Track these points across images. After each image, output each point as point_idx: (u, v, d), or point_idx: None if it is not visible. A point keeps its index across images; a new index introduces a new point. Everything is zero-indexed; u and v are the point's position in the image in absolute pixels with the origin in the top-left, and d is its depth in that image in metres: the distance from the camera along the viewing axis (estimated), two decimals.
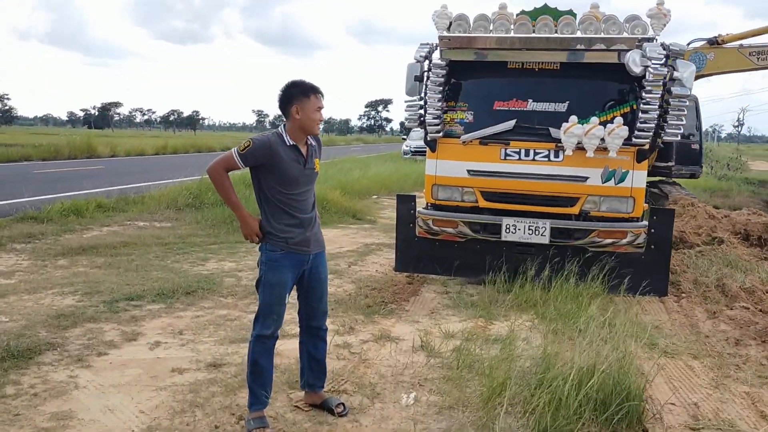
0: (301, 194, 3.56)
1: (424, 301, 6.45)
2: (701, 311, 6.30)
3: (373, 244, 9.67)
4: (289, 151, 3.48)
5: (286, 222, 3.54)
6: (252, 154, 3.42)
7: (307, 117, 3.49)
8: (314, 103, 3.49)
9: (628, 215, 6.71)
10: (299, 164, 3.52)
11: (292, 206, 3.54)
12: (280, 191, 3.50)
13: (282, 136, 3.50)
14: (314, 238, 3.66)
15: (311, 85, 3.51)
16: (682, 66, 6.16)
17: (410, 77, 6.88)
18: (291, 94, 3.48)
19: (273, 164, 3.45)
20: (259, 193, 3.57)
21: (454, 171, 7.03)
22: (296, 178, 3.51)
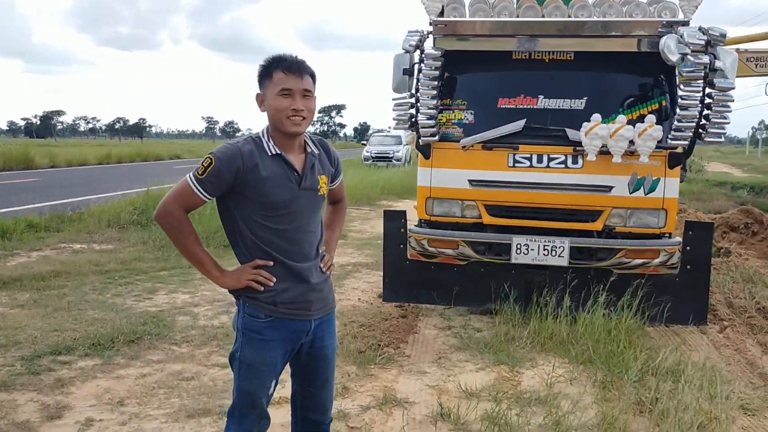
0: (297, 229, 2.39)
1: (426, 342, 5.30)
2: (753, 344, 5.32)
3: (349, 264, 8.47)
4: (272, 164, 2.34)
5: (275, 272, 2.36)
6: (217, 175, 2.28)
7: (270, 107, 2.35)
8: (278, 84, 2.32)
9: (660, 230, 5.70)
10: (291, 182, 2.36)
11: (282, 248, 2.37)
12: (263, 225, 2.35)
13: (261, 143, 2.36)
14: (319, 297, 2.48)
15: (278, 58, 2.36)
16: (724, 54, 5.16)
17: (398, 71, 5.70)
18: (258, 78, 2.41)
19: (249, 185, 2.29)
20: (231, 229, 2.41)
21: (453, 181, 5.90)
22: (287, 204, 2.35)
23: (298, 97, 2.33)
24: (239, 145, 2.33)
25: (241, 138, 2.39)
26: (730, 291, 6.74)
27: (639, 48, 5.59)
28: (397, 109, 5.83)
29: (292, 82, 2.31)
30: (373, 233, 11.48)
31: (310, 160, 2.44)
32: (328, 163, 2.56)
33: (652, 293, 5.58)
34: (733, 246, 9.44)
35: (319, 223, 2.52)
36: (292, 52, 2.40)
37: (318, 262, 2.49)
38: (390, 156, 29.83)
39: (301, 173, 2.39)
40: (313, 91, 2.39)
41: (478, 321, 5.89)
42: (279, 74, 2.31)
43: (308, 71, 2.37)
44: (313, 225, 2.46)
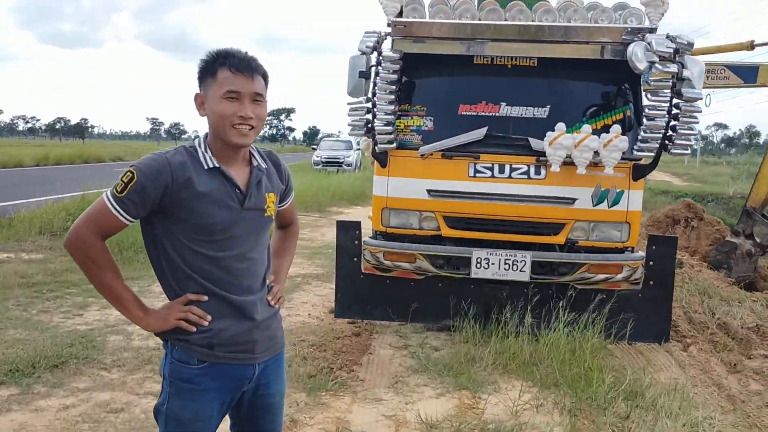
0: (238, 256, 2.00)
1: (382, 363, 4.95)
2: (717, 363, 5.17)
3: (298, 275, 8.06)
4: (210, 180, 1.94)
5: (210, 309, 1.97)
6: (140, 193, 1.88)
7: (212, 112, 1.96)
8: (224, 84, 1.93)
9: (623, 244, 5.50)
10: (232, 201, 1.97)
11: (220, 279, 1.98)
12: (196, 252, 1.95)
13: (197, 154, 1.97)
14: (265, 336, 2.09)
15: (224, 53, 1.96)
16: (692, 63, 5.00)
17: (353, 73, 5.34)
18: (199, 75, 2.01)
19: (181, 205, 1.90)
20: (157, 256, 2.00)
21: (411, 191, 5.58)
22: (227, 227, 1.96)
23: (247, 102, 1.94)
24: (168, 156, 1.92)
25: (172, 148, 1.99)
26: (689, 305, 6.62)
27: (604, 55, 5.39)
28: (352, 114, 5.48)
29: (240, 84, 1.92)
30: (324, 241, 11.09)
31: (255, 176, 2.06)
32: (277, 178, 2.17)
33: (615, 310, 5.38)
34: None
35: (265, 249, 2.13)
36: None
37: (264, 295, 2.11)
38: (340, 161, 29.40)
39: (245, 190, 2.01)
40: (265, 95, 2.01)
41: (435, 339, 5.58)
42: (225, 73, 1.92)
43: (260, 71, 1.99)
44: (258, 251, 2.08)
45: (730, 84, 9.93)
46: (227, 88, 1.92)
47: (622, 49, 5.28)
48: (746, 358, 5.25)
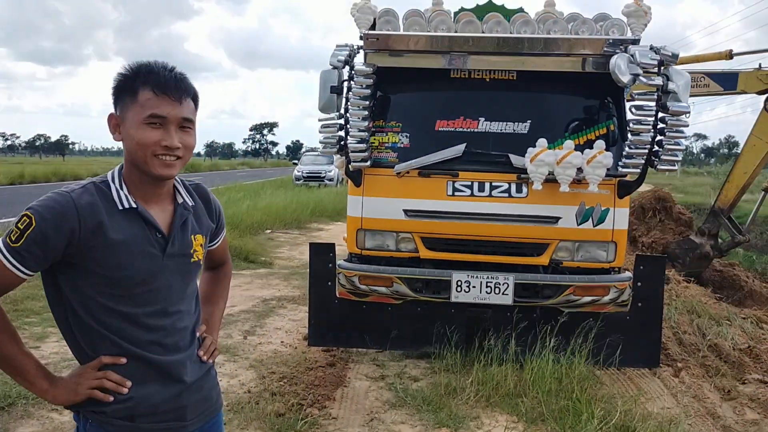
0: (161, 311, 1.71)
1: (357, 397, 4.64)
2: (711, 389, 4.91)
3: (273, 298, 7.74)
4: (125, 222, 1.65)
5: (130, 373, 1.66)
6: (40, 243, 1.56)
7: (130, 139, 1.65)
8: (146, 107, 1.64)
9: (609, 264, 5.26)
10: (153, 247, 1.68)
11: (140, 338, 1.67)
12: (110, 309, 1.64)
13: (110, 191, 1.66)
14: (198, 398, 1.79)
15: (147, 69, 1.66)
16: (677, 75, 4.78)
17: (325, 88, 5.08)
18: (114, 92, 1.70)
19: (90, 254, 1.60)
20: (62, 314, 1.68)
21: (387, 211, 5.30)
22: (146, 279, 1.67)
23: (173, 129, 1.65)
24: (73, 196, 1.60)
25: (80, 183, 1.67)
26: (677, 325, 6.38)
27: (585, 67, 5.17)
28: (324, 130, 5.19)
29: (166, 108, 1.63)
30: (302, 261, 10.76)
31: (180, 215, 1.76)
32: (206, 217, 1.88)
33: (603, 334, 5.13)
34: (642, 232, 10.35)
35: (193, 299, 1.84)
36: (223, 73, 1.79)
37: (194, 351, 1.81)
38: (322, 176, 29.11)
39: (167, 234, 1.72)
40: (194, 120, 1.72)
41: (415, 367, 5.28)
42: (148, 94, 1.63)
43: (190, 93, 1.70)
44: (185, 303, 1.78)
45: (710, 92, 9.86)
46: (150, 112, 1.62)
47: (604, 61, 5.06)
48: (740, 383, 5.01)
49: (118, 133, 1.69)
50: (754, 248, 19.16)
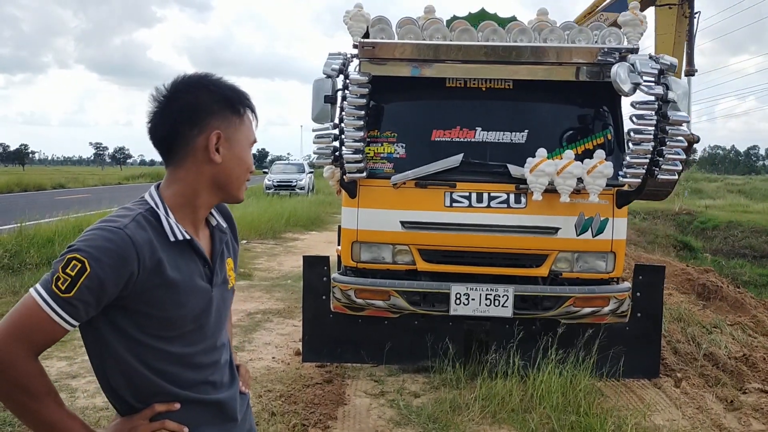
0: (210, 348, 1.58)
1: (359, 416, 4.49)
2: (713, 400, 4.88)
3: (258, 311, 7.54)
4: (179, 257, 1.48)
5: (186, 417, 1.49)
6: (96, 289, 1.35)
7: (235, 161, 1.54)
8: (250, 130, 1.58)
9: (608, 275, 5.22)
10: (202, 280, 1.54)
11: (191, 379, 1.52)
12: (161, 351, 1.47)
13: (159, 219, 1.48)
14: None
15: (245, 93, 1.58)
16: (675, 84, 4.78)
17: (318, 98, 4.95)
18: (201, 107, 1.50)
19: (145, 296, 1.42)
20: (100, 357, 1.47)
21: (383, 223, 5.18)
22: (198, 316, 1.52)
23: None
24: (128, 232, 1.39)
25: (124, 213, 1.46)
26: (670, 334, 6.39)
27: (579, 76, 5.14)
28: (318, 141, 5.05)
29: (255, 132, 1.61)
30: (282, 272, 10.58)
31: (220, 240, 1.64)
32: (232, 238, 1.75)
33: (603, 345, 5.08)
34: None
35: (228, 329, 1.73)
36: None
37: (237, 384, 1.68)
38: (293, 184, 28.86)
39: (212, 261, 1.59)
40: None
41: (413, 382, 5.15)
42: (251, 117, 1.59)
43: None
44: (225, 335, 1.67)
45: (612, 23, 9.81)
46: (253, 137, 1.60)
47: (599, 70, 5.05)
48: (741, 392, 5.00)
49: (217, 155, 1.51)
50: (721, 253, 19.61)
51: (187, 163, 1.51)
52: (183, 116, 1.48)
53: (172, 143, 1.51)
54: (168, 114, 1.49)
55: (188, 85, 1.51)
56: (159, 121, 1.50)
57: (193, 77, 1.53)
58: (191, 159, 1.51)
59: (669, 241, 19.59)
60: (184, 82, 1.51)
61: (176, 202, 1.52)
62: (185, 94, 1.50)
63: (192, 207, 1.55)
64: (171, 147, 1.51)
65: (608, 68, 4.86)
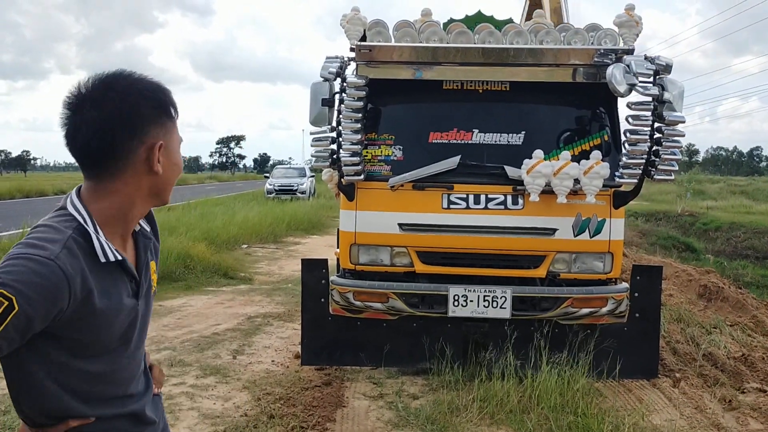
0: (130, 361, 1.52)
1: (358, 418, 4.50)
2: (711, 399, 4.89)
3: (258, 315, 7.55)
4: (105, 280, 1.38)
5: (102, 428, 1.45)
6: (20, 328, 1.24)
7: (173, 165, 1.48)
8: (176, 129, 1.51)
9: (606, 276, 5.23)
10: (128, 296, 1.46)
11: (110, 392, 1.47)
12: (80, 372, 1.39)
13: (87, 241, 1.36)
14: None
15: (169, 93, 1.49)
16: (671, 85, 4.80)
17: (315, 101, 4.96)
18: (139, 115, 1.39)
19: (70, 325, 1.32)
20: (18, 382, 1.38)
21: (381, 225, 5.20)
22: (122, 334, 1.45)
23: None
24: (59, 264, 1.26)
25: (53, 236, 1.31)
26: (669, 334, 6.39)
27: (576, 78, 5.15)
28: (316, 144, 5.08)
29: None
30: (282, 275, 10.60)
31: (144, 247, 1.55)
32: (154, 239, 1.64)
33: (601, 346, 5.09)
34: None
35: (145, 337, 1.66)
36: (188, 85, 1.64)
37: (151, 385, 1.64)
38: (294, 189, 28.91)
39: (139, 274, 1.50)
40: None
41: (412, 384, 5.16)
42: (174, 115, 1.49)
43: None
44: (144, 341, 1.60)
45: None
46: (179, 136, 1.52)
47: (595, 71, 5.07)
48: (739, 392, 5.00)
49: (158, 165, 1.43)
50: (724, 255, 19.56)
51: (126, 176, 1.40)
52: (121, 126, 1.37)
53: (108, 155, 1.38)
54: (101, 123, 1.35)
55: (121, 91, 1.38)
56: (90, 131, 1.35)
57: (120, 80, 1.41)
58: (131, 171, 1.40)
59: (671, 242, 19.57)
60: (114, 87, 1.39)
61: (108, 216, 1.41)
62: (120, 102, 1.37)
63: (125, 220, 1.45)
64: (105, 158, 1.38)
65: (604, 69, 4.88)
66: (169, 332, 6.67)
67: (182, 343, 6.25)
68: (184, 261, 9.95)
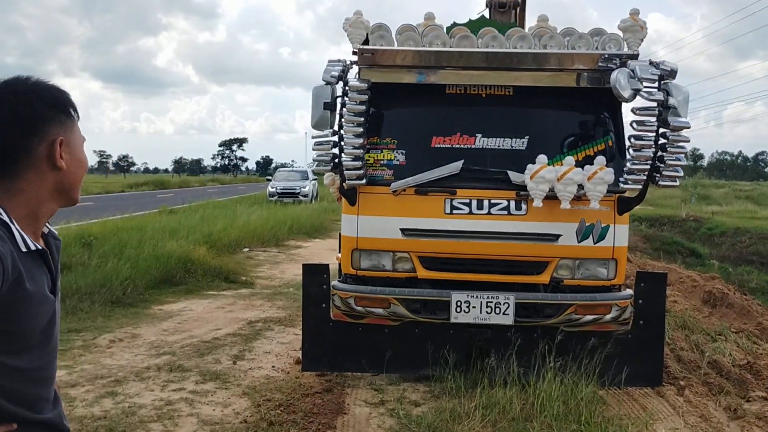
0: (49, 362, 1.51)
1: (358, 425, 4.45)
2: (716, 408, 4.83)
3: (259, 320, 7.50)
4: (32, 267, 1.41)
5: None
6: None
7: (77, 161, 1.52)
8: (79, 130, 1.55)
9: (610, 282, 5.18)
10: (47, 290, 1.46)
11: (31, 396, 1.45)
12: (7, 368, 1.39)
13: (11, 230, 1.39)
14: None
15: (67, 94, 1.53)
16: (676, 90, 4.75)
17: (317, 105, 4.93)
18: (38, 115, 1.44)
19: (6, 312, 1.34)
20: None
21: (383, 230, 5.15)
22: (44, 328, 1.45)
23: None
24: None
25: None
26: (673, 341, 6.33)
27: (580, 83, 5.11)
28: (317, 148, 5.05)
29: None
30: (284, 280, 10.56)
31: (56, 248, 1.57)
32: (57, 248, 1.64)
33: (605, 353, 5.03)
34: None
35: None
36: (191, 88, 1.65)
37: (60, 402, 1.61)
38: (296, 192, 28.87)
39: (54, 270, 1.51)
40: None
41: (414, 391, 5.11)
42: (73, 114, 1.53)
43: None
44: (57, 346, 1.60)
45: None
46: (82, 135, 1.56)
47: (599, 76, 5.03)
48: (745, 401, 4.94)
49: (61, 161, 1.46)
50: (729, 260, 19.47)
51: (29, 174, 1.43)
52: (18, 125, 1.41)
53: (9, 155, 1.41)
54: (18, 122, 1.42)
55: (17, 92, 1.43)
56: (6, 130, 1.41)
57: (18, 83, 1.45)
58: (33, 169, 1.44)
59: (675, 247, 19.50)
60: (11, 89, 1.44)
61: (19, 214, 1.43)
62: (16, 102, 1.42)
63: (35, 217, 1.47)
64: (4, 158, 1.42)
65: (608, 74, 4.85)
66: (169, 337, 6.63)
67: (182, 347, 6.21)
68: (185, 264, 9.90)
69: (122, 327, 6.97)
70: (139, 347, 6.22)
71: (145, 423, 4.36)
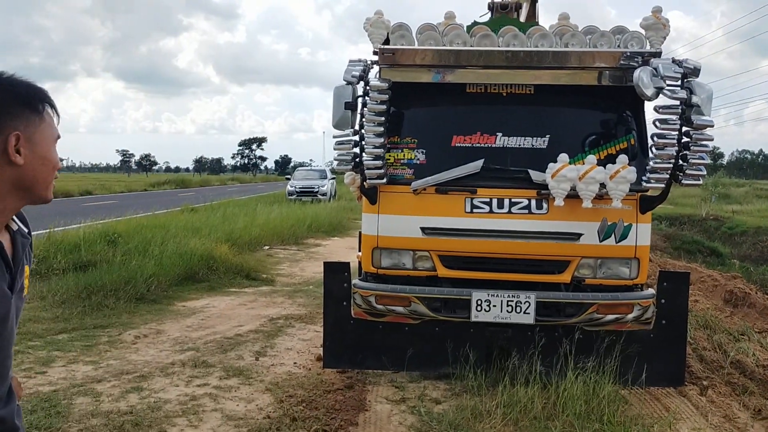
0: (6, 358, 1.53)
1: (380, 422, 4.49)
2: (739, 408, 4.80)
3: (280, 317, 7.57)
4: None
5: None
6: None
7: (39, 161, 1.51)
8: (52, 127, 1.56)
9: (632, 281, 5.16)
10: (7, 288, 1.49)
11: None
12: None
13: None
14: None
15: (41, 89, 1.54)
16: (699, 88, 4.72)
17: (338, 105, 4.96)
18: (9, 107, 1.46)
19: None
20: None
21: (403, 229, 5.18)
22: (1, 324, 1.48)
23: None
24: None
25: None
26: (696, 341, 6.29)
27: (601, 81, 5.09)
28: (339, 147, 5.09)
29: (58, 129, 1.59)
30: (304, 277, 10.63)
31: (22, 245, 1.57)
32: (29, 246, 1.66)
33: (627, 352, 5.02)
34: None
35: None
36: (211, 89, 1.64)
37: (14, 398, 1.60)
38: (315, 191, 29.01)
39: (14, 269, 1.52)
40: None
41: (434, 389, 5.14)
42: (51, 113, 1.54)
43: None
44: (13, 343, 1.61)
45: None
46: (57, 133, 1.56)
47: (621, 74, 5.01)
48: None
49: (18, 155, 1.45)
50: (750, 259, 19.23)
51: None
52: None
53: None
54: None
55: None
56: None
57: None
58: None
59: (695, 246, 19.30)
60: None
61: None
62: None
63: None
64: None
65: (631, 72, 4.83)
66: (193, 333, 6.72)
67: (206, 344, 6.29)
68: (207, 262, 10.01)
69: (147, 323, 7.07)
70: (164, 343, 6.31)
71: (170, 418, 4.43)
